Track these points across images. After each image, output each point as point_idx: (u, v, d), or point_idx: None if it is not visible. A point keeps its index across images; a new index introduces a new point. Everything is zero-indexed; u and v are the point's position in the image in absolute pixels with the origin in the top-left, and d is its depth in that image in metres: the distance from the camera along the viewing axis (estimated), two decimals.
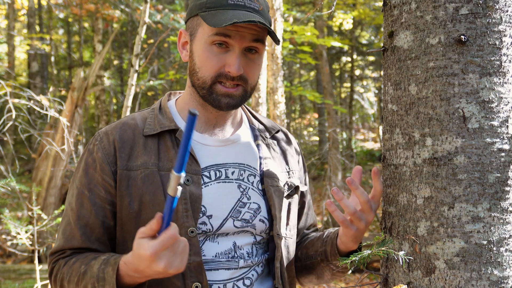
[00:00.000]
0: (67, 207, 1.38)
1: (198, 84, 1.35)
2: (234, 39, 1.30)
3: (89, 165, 1.35)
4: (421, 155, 1.23)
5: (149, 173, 1.32)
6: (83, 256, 1.31)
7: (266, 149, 1.49)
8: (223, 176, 1.39)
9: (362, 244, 1.41)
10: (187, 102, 1.43)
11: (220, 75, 1.32)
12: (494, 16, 1.18)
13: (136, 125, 1.39)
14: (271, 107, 5.20)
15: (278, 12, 5.17)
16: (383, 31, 1.36)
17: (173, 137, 1.37)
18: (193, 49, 1.36)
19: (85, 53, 16.59)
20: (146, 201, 1.30)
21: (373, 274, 1.45)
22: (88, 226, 1.33)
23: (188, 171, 1.33)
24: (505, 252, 1.19)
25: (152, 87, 11.82)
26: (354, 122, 17.81)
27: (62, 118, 5.19)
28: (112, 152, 1.34)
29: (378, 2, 9.77)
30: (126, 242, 1.33)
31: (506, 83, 1.19)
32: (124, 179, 1.32)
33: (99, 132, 1.40)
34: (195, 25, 1.36)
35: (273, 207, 1.41)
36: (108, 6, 9.84)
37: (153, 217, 1.27)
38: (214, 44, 1.31)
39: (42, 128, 8.13)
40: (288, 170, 1.52)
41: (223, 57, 1.32)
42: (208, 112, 1.41)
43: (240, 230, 1.38)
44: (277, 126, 1.58)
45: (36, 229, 3.76)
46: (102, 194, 1.33)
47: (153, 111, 1.43)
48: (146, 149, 1.35)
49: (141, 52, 5.84)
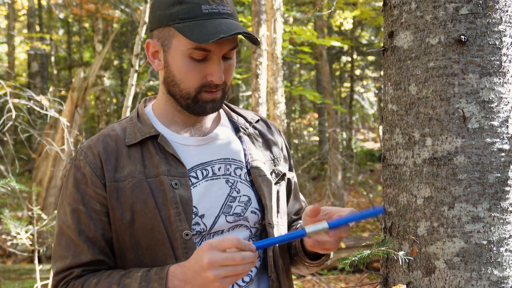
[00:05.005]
0: (61, 226, 1.35)
1: (180, 95, 1.34)
2: (214, 51, 1.29)
3: (79, 181, 1.33)
4: (421, 155, 1.23)
5: (137, 181, 1.31)
6: (104, 276, 1.28)
7: (249, 140, 1.49)
8: (210, 173, 1.39)
9: (361, 244, 1.41)
10: (163, 108, 1.42)
11: (203, 85, 1.31)
12: (494, 16, 1.18)
13: (117, 136, 1.38)
14: (271, 107, 5.20)
15: (278, 12, 5.17)
16: (383, 31, 1.36)
17: (155, 143, 1.36)
18: (169, 61, 1.33)
19: (85, 53, 16.59)
20: (138, 210, 1.30)
21: (373, 274, 1.45)
22: (90, 240, 1.31)
23: (175, 174, 1.33)
24: (505, 252, 1.19)
25: (152, 87, 11.81)
26: (354, 122, 17.81)
27: (62, 118, 5.19)
28: (99, 165, 1.33)
29: (378, 2, 9.76)
30: (124, 252, 1.33)
31: (506, 83, 1.19)
32: (113, 191, 1.31)
33: (81, 147, 1.39)
34: (167, 35, 1.31)
35: (263, 196, 1.41)
36: (108, 6, 9.84)
37: (147, 225, 1.30)
38: (192, 57, 1.29)
39: (42, 128, 8.13)
40: (273, 158, 1.52)
41: (203, 68, 1.30)
42: (185, 116, 1.41)
43: (234, 225, 1.38)
44: (256, 115, 1.58)
45: (36, 229, 3.76)
46: (97, 208, 1.32)
47: (131, 120, 1.42)
48: (131, 159, 1.34)
49: (141, 52, 5.84)
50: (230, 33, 1.23)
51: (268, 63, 5.13)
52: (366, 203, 9.59)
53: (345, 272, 6.34)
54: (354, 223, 6.53)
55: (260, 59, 4.91)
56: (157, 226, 1.29)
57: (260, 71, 4.92)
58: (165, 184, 1.31)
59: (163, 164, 1.33)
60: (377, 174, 12.72)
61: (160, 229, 1.29)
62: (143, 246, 1.30)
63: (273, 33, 5.14)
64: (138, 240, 1.31)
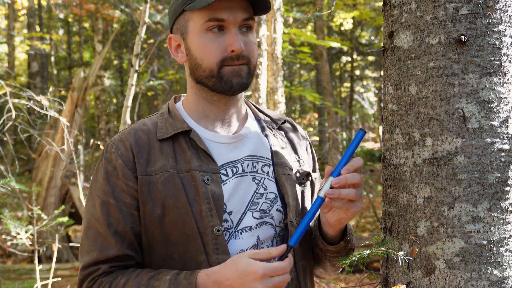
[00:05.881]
0: (89, 219, 1.34)
1: (205, 76, 1.35)
2: (228, 20, 1.31)
3: (110, 173, 1.33)
4: (421, 155, 1.23)
5: (169, 176, 1.31)
6: (133, 276, 1.27)
7: (275, 139, 1.50)
8: (240, 171, 1.39)
9: (361, 244, 1.41)
10: (193, 102, 1.43)
11: (225, 59, 1.32)
12: (494, 16, 1.18)
13: (149, 130, 1.38)
14: (271, 107, 5.20)
15: (278, 12, 5.17)
16: (383, 31, 1.36)
17: (187, 139, 1.37)
18: (189, 45, 1.36)
19: (85, 53, 16.59)
20: (169, 205, 1.30)
21: (373, 274, 1.45)
22: (119, 234, 1.31)
23: (207, 170, 1.33)
24: (505, 252, 1.19)
25: (152, 87, 11.82)
26: (354, 122, 17.81)
27: (62, 118, 5.19)
28: (131, 158, 1.33)
29: (378, 2, 9.77)
30: (152, 247, 1.32)
31: (506, 83, 1.19)
32: (145, 185, 1.31)
33: (113, 140, 1.39)
34: (183, 22, 1.36)
35: (286, 195, 1.40)
36: (108, 6, 9.85)
37: (178, 220, 1.30)
38: (209, 30, 1.32)
39: (42, 128, 8.13)
40: (298, 159, 1.52)
41: (221, 40, 1.32)
42: (216, 107, 1.41)
43: (260, 221, 1.37)
44: (283, 116, 1.59)
45: (36, 229, 3.76)
46: (128, 201, 1.31)
47: (163, 115, 1.43)
48: (163, 153, 1.34)
49: (141, 52, 5.84)
50: None
51: (268, 63, 5.13)
52: (366, 203, 9.59)
53: (345, 272, 6.34)
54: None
55: (260, 59, 4.91)
56: (188, 221, 1.29)
57: (260, 71, 4.92)
58: (197, 180, 1.31)
59: (195, 160, 1.33)
60: (377, 174, 12.72)
61: (191, 224, 1.29)
62: (173, 241, 1.30)
63: (273, 33, 5.14)
64: (168, 235, 1.30)
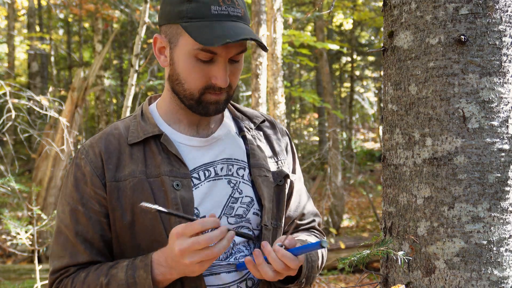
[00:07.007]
0: (59, 225, 1.34)
1: (184, 95, 1.32)
2: (220, 54, 1.26)
3: (79, 180, 1.32)
4: (421, 155, 1.23)
5: (138, 181, 1.30)
6: (93, 269, 1.28)
7: (252, 140, 1.47)
8: (213, 174, 1.37)
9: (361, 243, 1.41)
10: (168, 106, 1.40)
11: (208, 87, 1.29)
12: (494, 16, 1.18)
13: (120, 135, 1.36)
14: (271, 107, 5.20)
15: (278, 13, 5.17)
16: (383, 31, 1.36)
17: (158, 143, 1.35)
18: (174, 58, 1.31)
19: (85, 53, 16.58)
20: (138, 211, 1.29)
21: (373, 274, 1.45)
22: (88, 241, 1.31)
23: (177, 175, 1.31)
24: (505, 252, 1.19)
25: (152, 87, 11.82)
26: (354, 122, 17.81)
27: (62, 118, 5.19)
28: (99, 165, 1.31)
29: (378, 2, 9.76)
30: (123, 253, 1.32)
31: (506, 83, 1.19)
32: (113, 191, 1.30)
33: (83, 145, 1.37)
34: (174, 33, 1.29)
35: (262, 197, 1.39)
36: (108, 6, 9.84)
37: (147, 226, 1.29)
38: (198, 58, 1.27)
39: (42, 128, 8.13)
40: (276, 160, 1.49)
41: (208, 69, 1.28)
42: (191, 114, 1.38)
43: (236, 226, 1.36)
44: (262, 115, 1.55)
45: (36, 229, 3.76)
46: (96, 208, 1.31)
47: (135, 118, 1.40)
48: (133, 158, 1.33)
49: (141, 52, 5.84)
50: (237, 38, 1.20)
51: (268, 63, 5.12)
52: (366, 203, 9.59)
53: (345, 272, 6.35)
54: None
55: (260, 59, 4.91)
56: (158, 228, 1.28)
57: (260, 71, 4.92)
58: (166, 185, 1.29)
59: (165, 164, 1.32)
60: (377, 174, 12.73)
61: (160, 231, 1.28)
62: (143, 247, 1.30)
63: (273, 33, 5.14)
64: (139, 241, 1.30)
